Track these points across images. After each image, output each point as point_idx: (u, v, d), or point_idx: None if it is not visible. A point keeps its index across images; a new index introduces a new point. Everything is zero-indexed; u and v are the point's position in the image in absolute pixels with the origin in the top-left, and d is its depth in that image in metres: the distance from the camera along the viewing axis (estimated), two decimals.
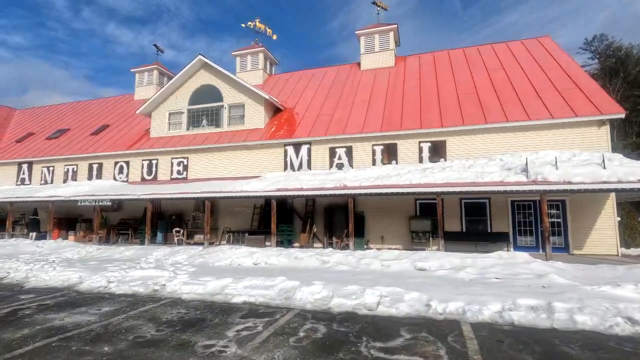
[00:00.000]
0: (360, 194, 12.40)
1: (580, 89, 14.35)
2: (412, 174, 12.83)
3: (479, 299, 5.94)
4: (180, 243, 15.86)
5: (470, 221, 14.13)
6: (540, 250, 12.99)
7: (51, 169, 21.35)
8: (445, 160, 14.40)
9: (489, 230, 13.78)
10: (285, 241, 15.02)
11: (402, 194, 11.94)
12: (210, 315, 5.82)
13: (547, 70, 16.26)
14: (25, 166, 22.10)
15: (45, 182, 21.25)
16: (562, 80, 15.25)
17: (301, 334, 4.87)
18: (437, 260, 9.03)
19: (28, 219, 20.18)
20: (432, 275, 8.23)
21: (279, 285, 7.27)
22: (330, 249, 12.04)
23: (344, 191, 12.50)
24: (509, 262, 8.65)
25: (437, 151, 14.69)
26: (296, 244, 15.43)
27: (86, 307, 6.43)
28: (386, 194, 12.03)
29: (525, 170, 11.27)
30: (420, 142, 14.96)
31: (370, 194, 12.30)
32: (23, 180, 21.99)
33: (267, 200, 15.88)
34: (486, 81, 16.76)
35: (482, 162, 13.15)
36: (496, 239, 13.41)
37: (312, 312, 5.99)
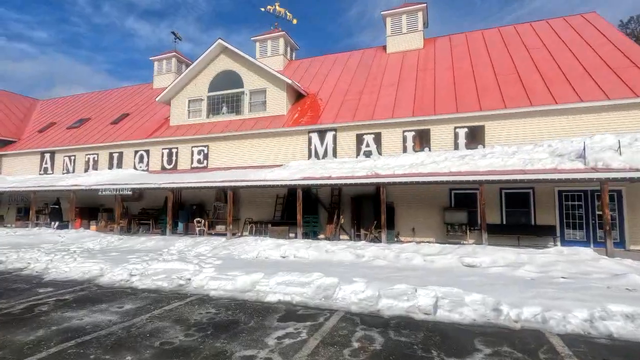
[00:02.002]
0: (394, 183, 11.48)
1: (638, 67, 12.88)
2: (450, 161, 11.80)
3: (557, 304, 5.02)
4: (201, 233, 15.38)
5: (511, 213, 13.02)
6: (592, 245, 11.83)
7: (72, 158, 21.23)
8: (484, 147, 13.26)
9: (533, 223, 12.64)
10: (311, 232, 14.31)
11: (442, 182, 10.97)
12: (244, 317, 5.12)
13: (597, 47, 14.76)
14: (47, 156, 22.07)
15: (67, 172, 21.17)
16: (615, 57, 13.77)
17: (355, 344, 4.08)
18: (488, 255, 8.08)
19: (50, 209, 20.15)
20: (485, 272, 7.31)
21: (315, 282, 6.51)
22: (363, 241, 11.22)
23: (376, 180, 11.60)
24: (572, 259, 7.63)
25: (475, 137, 13.55)
26: (321, 236, 14.69)
27: (107, 304, 5.84)
28: (423, 182, 11.08)
29: (582, 156, 10.08)
30: (455, 128, 13.83)
31: (406, 183, 11.37)
32: (46, 169, 22.00)
33: (291, 190, 15.16)
34: (527, 61, 15.38)
35: (528, 149, 11.98)
36: (541, 233, 12.30)
37: (360, 315, 5.20)
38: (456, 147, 13.72)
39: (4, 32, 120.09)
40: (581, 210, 12.30)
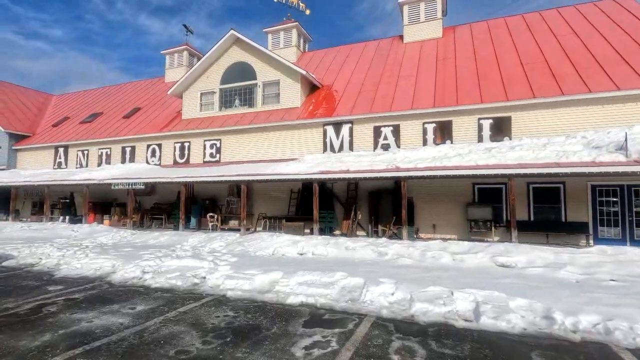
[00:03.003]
0: (417, 177, 10.88)
1: None
2: (475, 154, 11.15)
3: (618, 312, 4.43)
4: (214, 229, 15.07)
5: (539, 209, 12.30)
6: (628, 244, 11.06)
7: (86, 152, 21.18)
8: (510, 139, 12.55)
9: (563, 220, 11.92)
10: (327, 228, 13.84)
11: (468, 176, 10.33)
12: (265, 322, 4.68)
13: (634, 33, 13.79)
14: (61, 150, 22.08)
15: (81, 166, 21.14)
16: None
17: (395, 358, 3.59)
18: (523, 255, 7.48)
19: (61, 203, 20.17)
20: (522, 274, 6.72)
21: (339, 282, 6.03)
22: (384, 238, 10.68)
23: (397, 174, 11.03)
24: (619, 260, 6.98)
25: (500, 129, 12.83)
26: (337, 232, 14.23)
27: (118, 304, 5.48)
28: (448, 176, 10.46)
29: (623, 148, 9.33)
30: (479, 119, 13.13)
31: (429, 177, 10.75)
32: (60, 164, 22.02)
33: (305, 184, 14.71)
34: (556, 49, 14.51)
35: (560, 140, 11.25)
36: (572, 230, 11.58)
37: (392, 321, 4.71)
38: (480, 139, 13.03)
39: (21, 31, 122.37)
40: (616, 207, 11.52)
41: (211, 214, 15.48)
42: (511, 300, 4.93)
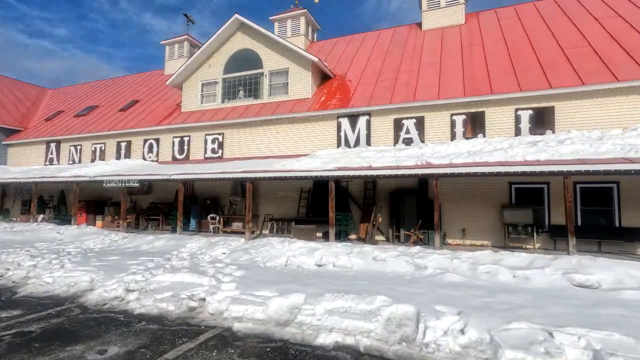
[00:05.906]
0: (453, 174, 9.33)
1: None
2: (519, 148, 9.59)
3: None
4: (216, 231, 13.59)
5: (587, 212, 10.75)
6: None
7: (79, 147, 19.71)
8: (554, 132, 11.01)
9: (618, 225, 10.36)
10: (341, 232, 12.31)
11: (517, 173, 8.77)
12: None
13: None
14: (53, 145, 20.63)
15: (73, 162, 19.69)
16: None
17: None
18: (605, 271, 5.93)
19: (38, 201, 18.70)
20: (618, 299, 5.17)
21: (382, 311, 4.51)
22: (419, 247, 9.08)
23: (429, 170, 9.49)
24: None
25: (542, 120, 11.27)
26: (352, 236, 12.71)
27: (84, 343, 3.97)
28: (491, 174, 8.90)
29: None
30: (517, 110, 11.58)
31: (468, 174, 9.19)
32: (51, 160, 20.58)
33: (317, 183, 13.22)
34: (599, 32, 12.94)
35: (617, 133, 9.71)
36: (630, 237, 10.01)
37: None
38: (517, 132, 11.48)
39: (26, 29, 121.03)
40: None
41: (212, 215, 13.99)
42: None
